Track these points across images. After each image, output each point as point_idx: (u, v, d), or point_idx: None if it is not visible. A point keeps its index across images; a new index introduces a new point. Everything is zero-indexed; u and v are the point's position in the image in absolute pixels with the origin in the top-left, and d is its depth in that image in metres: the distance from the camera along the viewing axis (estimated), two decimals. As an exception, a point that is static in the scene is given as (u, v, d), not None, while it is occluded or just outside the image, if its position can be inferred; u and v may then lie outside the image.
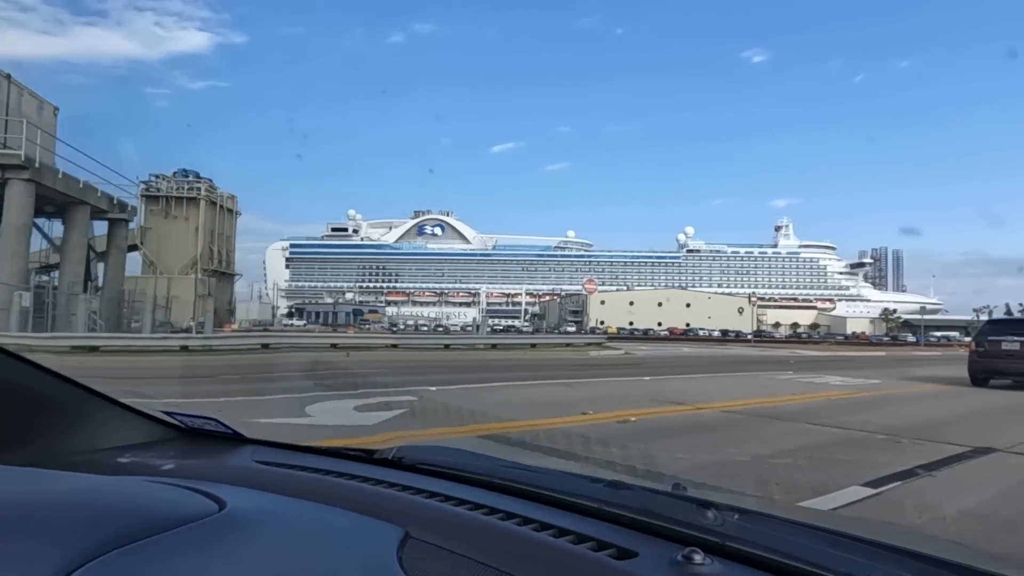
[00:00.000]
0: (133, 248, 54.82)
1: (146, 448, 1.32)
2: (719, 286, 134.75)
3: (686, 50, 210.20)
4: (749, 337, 65.80)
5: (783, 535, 0.83)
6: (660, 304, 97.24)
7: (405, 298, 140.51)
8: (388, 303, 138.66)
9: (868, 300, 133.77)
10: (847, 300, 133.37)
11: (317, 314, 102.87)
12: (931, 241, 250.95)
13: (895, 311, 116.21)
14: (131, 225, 36.70)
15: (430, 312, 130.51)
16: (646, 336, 74.02)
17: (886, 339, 77.82)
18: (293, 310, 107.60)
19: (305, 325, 79.61)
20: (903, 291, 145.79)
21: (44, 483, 0.89)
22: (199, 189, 62.69)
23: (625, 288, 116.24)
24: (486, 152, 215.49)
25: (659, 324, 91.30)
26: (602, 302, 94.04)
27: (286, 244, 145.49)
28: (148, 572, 0.70)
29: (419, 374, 12.83)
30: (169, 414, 1.45)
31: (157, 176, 69.84)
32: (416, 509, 0.97)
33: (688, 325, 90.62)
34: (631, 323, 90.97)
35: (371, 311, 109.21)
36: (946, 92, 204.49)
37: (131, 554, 0.71)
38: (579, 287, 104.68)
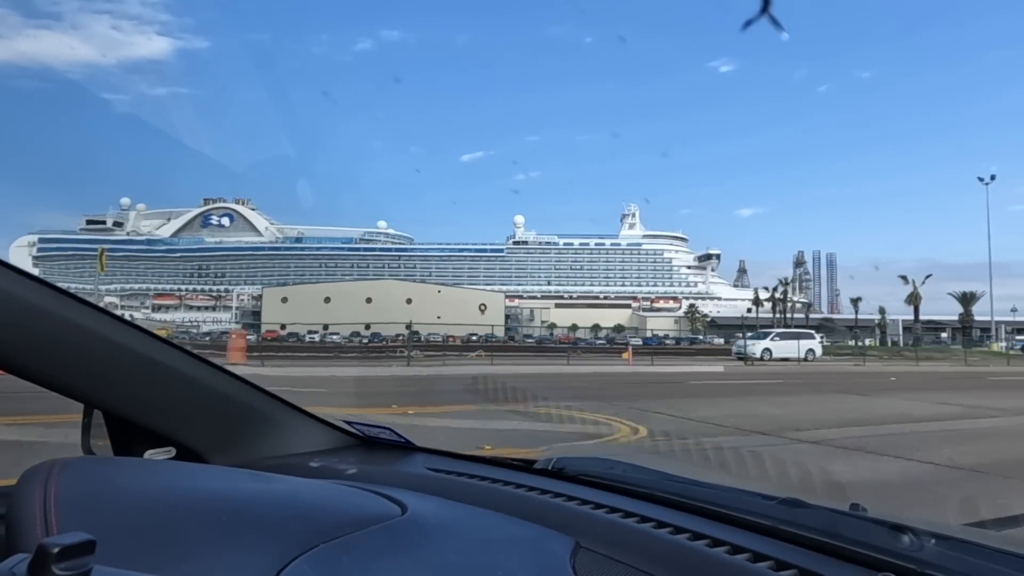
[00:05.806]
0: None
1: (331, 454, 1.43)
2: (548, 282, 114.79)
3: (657, 57, 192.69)
4: (398, 344, 44.38)
5: (992, 565, 0.72)
6: (369, 300, 73.35)
7: (177, 302, 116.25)
8: (155, 307, 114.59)
9: (719, 298, 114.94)
10: (695, 298, 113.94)
11: None
12: (888, 249, 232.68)
13: (745, 308, 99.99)
14: None
15: (201, 317, 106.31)
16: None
17: (599, 343, 56.75)
18: None
19: None
20: (836, 295, 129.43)
21: (257, 483, 0.97)
22: None
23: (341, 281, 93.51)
24: (456, 161, 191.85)
25: (368, 327, 68.90)
26: (284, 299, 71.34)
27: (34, 239, 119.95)
28: (348, 567, 0.75)
29: None
30: (348, 423, 1.56)
31: None
32: (583, 520, 0.96)
33: (369, 326, 68.45)
34: (326, 326, 68.76)
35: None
36: (897, 98, 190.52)
37: (334, 549, 0.76)
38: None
